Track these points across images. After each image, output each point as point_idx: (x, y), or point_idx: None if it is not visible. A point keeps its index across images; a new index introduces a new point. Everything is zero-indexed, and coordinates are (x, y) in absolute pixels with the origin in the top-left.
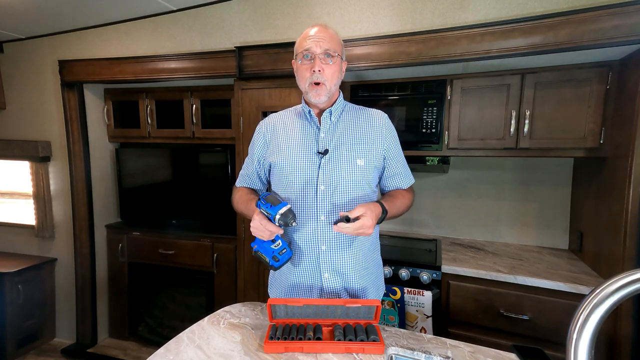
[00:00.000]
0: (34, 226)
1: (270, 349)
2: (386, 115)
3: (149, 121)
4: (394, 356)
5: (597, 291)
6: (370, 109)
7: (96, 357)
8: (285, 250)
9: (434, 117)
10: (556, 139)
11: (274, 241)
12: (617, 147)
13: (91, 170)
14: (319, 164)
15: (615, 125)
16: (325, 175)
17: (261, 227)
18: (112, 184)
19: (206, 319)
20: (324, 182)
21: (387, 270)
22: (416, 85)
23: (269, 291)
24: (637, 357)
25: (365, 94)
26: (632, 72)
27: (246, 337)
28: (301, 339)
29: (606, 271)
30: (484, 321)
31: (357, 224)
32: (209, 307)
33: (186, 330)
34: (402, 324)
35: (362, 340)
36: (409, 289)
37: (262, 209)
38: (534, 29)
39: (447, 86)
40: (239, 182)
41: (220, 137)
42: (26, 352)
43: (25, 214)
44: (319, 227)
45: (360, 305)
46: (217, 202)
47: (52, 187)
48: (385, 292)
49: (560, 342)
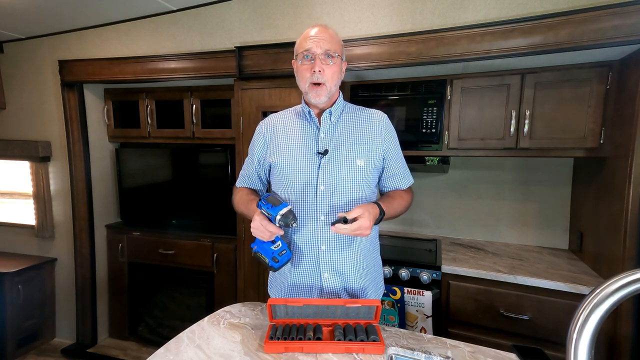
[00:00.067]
0: (34, 226)
1: (270, 349)
2: (386, 115)
3: (149, 121)
4: (394, 356)
5: (597, 291)
6: (370, 109)
7: (96, 357)
8: (284, 251)
9: (434, 117)
10: (556, 139)
11: (273, 242)
12: (617, 147)
13: (91, 170)
14: (319, 164)
15: (615, 125)
16: (325, 175)
17: (261, 227)
18: (112, 184)
19: (206, 319)
20: (324, 183)
21: (387, 270)
22: (416, 85)
23: (269, 291)
24: (637, 357)
25: (365, 94)
26: (632, 72)
27: (246, 337)
28: (301, 339)
29: (606, 271)
30: (484, 321)
31: (355, 225)
32: (209, 307)
33: (186, 330)
34: (402, 324)
35: (362, 340)
36: (409, 289)
37: (262, 210)
38: (534, 29)
39: (447, 86)
40: (239, 183)
41: (220, 137)
42: (26, 352)
43: (25, 214)
44: (318, 227)
45: (360, 305)
46: (217, 202)
47: (52, 187)
48: (385, 292)
49: (560, 342)
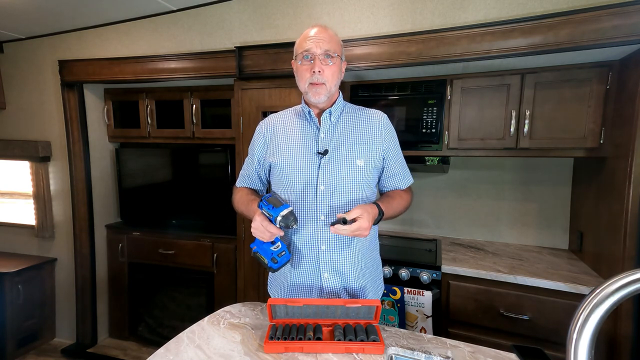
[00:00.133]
0: (34, 226)
1: (270, 349)
2: (385, 115)
3: (149, 121)
4: (394, 356)
5: (597, 291)
6: (369, 110)
7: (96, 357)
8: (284, 252)
9: (434, 117)
10: (556, 139)
11: (273, 243)
12: (617, 147)
13: (91, 170)
14: (319, 165)
15: (615, 125)
16: (325, 175)
17: (262, 228)
18: (112, 184)
19: (206, 319)
20: (324, 183)
21: (387, 270)
22: (416, 85)
23: (269, 291)
24: (637, 357)
25: (365, 94)
26: (632, 72)
27: (246, 337)
28: (301, 339)
29: (606, 271)
30: (484, 321)
31: (354, 226)
32: (209, 307)
33: (186, 330)
34: (402, 324)
35: (362, 340)
36: (409, 289)
37: (263, 210)
38: (534, 29)
39: (447, 86)
40: (239, 182)
41: (220, 137)
42: (26, 352)
43: (25, 214)
44: (318, 227)
45: (360, 305)
46: (217, 202)
47: (52, 187)
48: (385, 292)
49: (560, 342)
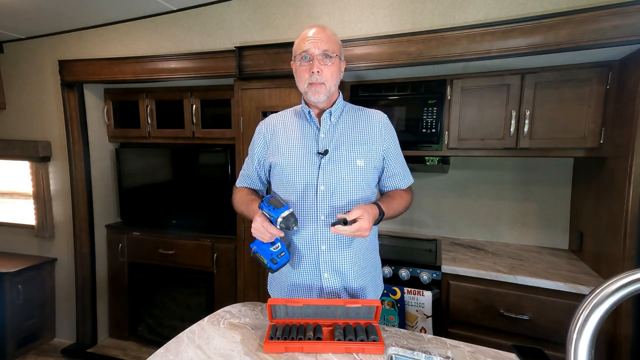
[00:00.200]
0: (34, 226)
1: (270, 349)
2: (385, 115)
3: (149, 121)
4: (394, 356)
5: (597, 291)
6: (369, 110)
7: (96, 357)
8: (283, 253)
9: (434, 117)
10: (556, 139)
11: (273, 243)
12: (617, 147)
13: (91, 170)
14: (319, 165)
15: (615, 125)
16: (325, 175)
17: (262, 228)
18: (112, 184)
19: (206, 319)
20: (324, 183)
21: (387, 270)
22: (416, 85)
23: (269, 291)
24: (637, 357)
25: (365, 94)
26: (632, 72)
27: (246, 337)
28: (301, 339)
29: (606, 271)
30: (484, 321)
31: (355, 227)
32: (209, 307)
33: (186, 330)
34: (402, 324)
35: (362, 340)
36: (409, 289)
37: (264, 211)
38: (534, 29)
39: (447, 86)
40: (239, 183)
41: (220, 137)
42: (26, 352)
43: (25, 214)
44: (318, 228)
45: (360, 305)
46: (217, 202)
47: (52, 187)
48: (385, 292)
49: (560, 342)
